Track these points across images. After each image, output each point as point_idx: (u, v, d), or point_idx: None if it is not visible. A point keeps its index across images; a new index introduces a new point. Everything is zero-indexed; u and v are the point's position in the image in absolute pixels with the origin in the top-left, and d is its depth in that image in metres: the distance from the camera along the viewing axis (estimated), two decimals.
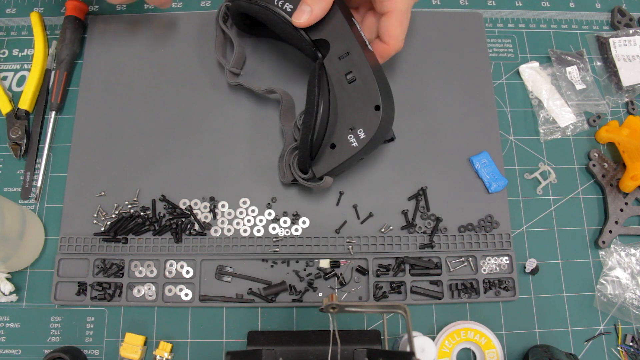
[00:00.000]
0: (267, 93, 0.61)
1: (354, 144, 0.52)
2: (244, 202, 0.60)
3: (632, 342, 0.58)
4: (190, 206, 0.60)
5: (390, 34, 0.54)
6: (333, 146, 0.53)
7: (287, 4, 0.53)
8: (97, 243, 0.58)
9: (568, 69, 0.67)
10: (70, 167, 0.61)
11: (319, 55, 0.54)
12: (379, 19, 0.55)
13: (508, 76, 0.68)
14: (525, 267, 0.59)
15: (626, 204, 0.62)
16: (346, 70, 0.52)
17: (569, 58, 0.67)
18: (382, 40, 0.56)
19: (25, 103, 0.63)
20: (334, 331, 0.46)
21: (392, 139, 0.57)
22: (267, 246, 0.59)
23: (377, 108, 0.51)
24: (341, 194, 0.61)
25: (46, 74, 0.65)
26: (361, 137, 0.51)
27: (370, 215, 0.60)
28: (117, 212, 0.60)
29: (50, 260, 0.59)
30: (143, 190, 0.61)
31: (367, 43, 0.54)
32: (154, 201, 0.60)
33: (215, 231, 0.59)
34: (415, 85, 0.65)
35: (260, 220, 0.60)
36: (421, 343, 0.51)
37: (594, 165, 0.63)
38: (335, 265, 0.59)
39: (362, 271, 0.59)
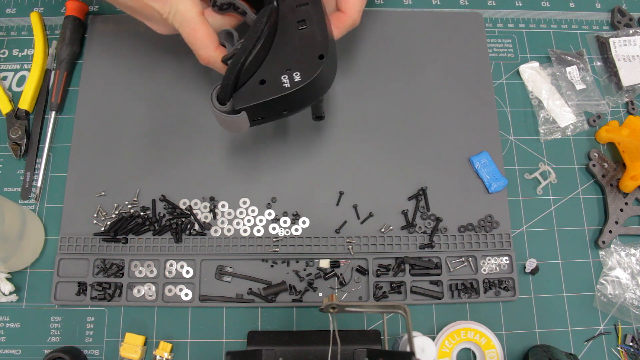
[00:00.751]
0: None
1: (285, 85, 0.49)
2: (244, 202, 0.60)
3: (632, 342, 0.58)
4: (190, 206, 0.60)
5: (348, 0, 0.54)
6: (263, 82, 0.49)
7: None
8: (97, 243, 0.58)
9: (568, 69, 0.67)
10: (70, 167, 0.61)
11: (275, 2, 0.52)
12: None
13: (508, 76, 0.68)
14: (525, 267, 0.59)
15: (626, 204, 0.62)
16: (299, 18, 0.51)
17: (569, 58, 0.67)
18: (339, 7, 0.55)
19: (25, 103, 0.63)
20: (334, 331, 0.46)
21: (322, 117, 0.56)
22: (267, 246, 0.59)
23: (321, 57, 0.49)
24: (341, 194, 0.61)
25: (46, 74, 0.65)
26: (295, 80, 0.49)
27: (370, 215, 0.60)
28: (117, 212, 0.60)
29: (50, 260, 0.59)
30: (143, 190, 0.61)
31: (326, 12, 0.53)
32: (154, 201, 0.60)
33: (215, 231, 0.59)
34: (416, 85, 0.65)
35: (260, 220, 0.60)
36: (421, 343, 0.51)
37: (594, 165, 0.63)
38: (335, 265, 0.59)
39: (362, 271, 0.59)
